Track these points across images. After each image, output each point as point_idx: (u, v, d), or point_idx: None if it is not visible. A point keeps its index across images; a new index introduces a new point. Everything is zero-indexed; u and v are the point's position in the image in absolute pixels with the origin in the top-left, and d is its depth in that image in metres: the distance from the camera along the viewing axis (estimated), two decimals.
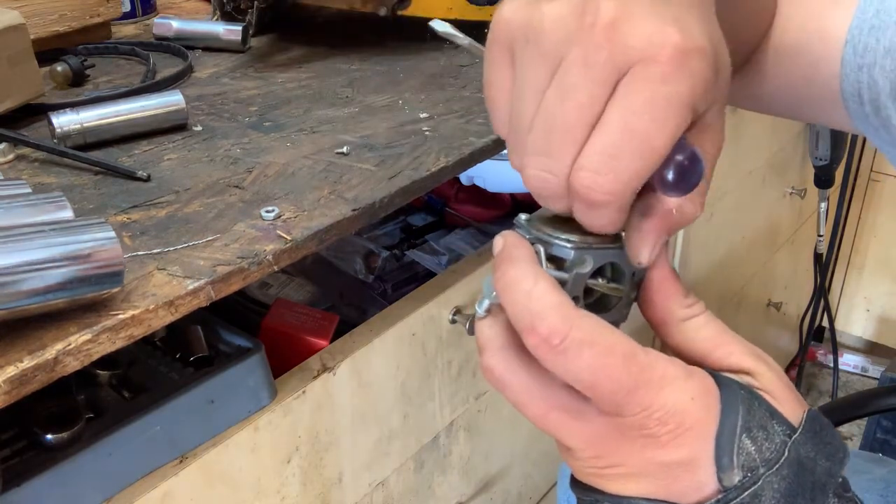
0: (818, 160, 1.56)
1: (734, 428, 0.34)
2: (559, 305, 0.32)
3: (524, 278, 0.33)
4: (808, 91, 0.58)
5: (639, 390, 0.33)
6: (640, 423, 0.33)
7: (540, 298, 0.33)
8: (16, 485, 0.46)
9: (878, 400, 0.91)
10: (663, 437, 0.34)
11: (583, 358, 0.32)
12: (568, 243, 0.35)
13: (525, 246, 0.35)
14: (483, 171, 0.94)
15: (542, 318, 0.32)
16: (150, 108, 0.65)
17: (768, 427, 0.34)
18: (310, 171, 0.60)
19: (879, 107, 0.52)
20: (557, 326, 0.32)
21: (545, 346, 0.32)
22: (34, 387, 0.40)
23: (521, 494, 0.97)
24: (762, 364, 0.36)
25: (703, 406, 0.34)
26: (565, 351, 0.32)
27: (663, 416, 0.33)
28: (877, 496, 0.78)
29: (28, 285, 0.39)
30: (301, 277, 0.91)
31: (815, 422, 0.35)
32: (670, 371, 0.34)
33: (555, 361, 0.33)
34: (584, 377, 0.33)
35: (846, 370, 2.05)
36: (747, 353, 0.36)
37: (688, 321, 0.37)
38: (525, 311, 0.33)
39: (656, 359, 0.34)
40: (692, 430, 0.34)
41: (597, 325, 0.33)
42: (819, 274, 1.79)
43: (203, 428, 0.55)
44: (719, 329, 0.37)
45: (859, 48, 0.53)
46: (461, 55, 0.83)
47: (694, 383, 0.34)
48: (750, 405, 0.34)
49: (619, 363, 0.32)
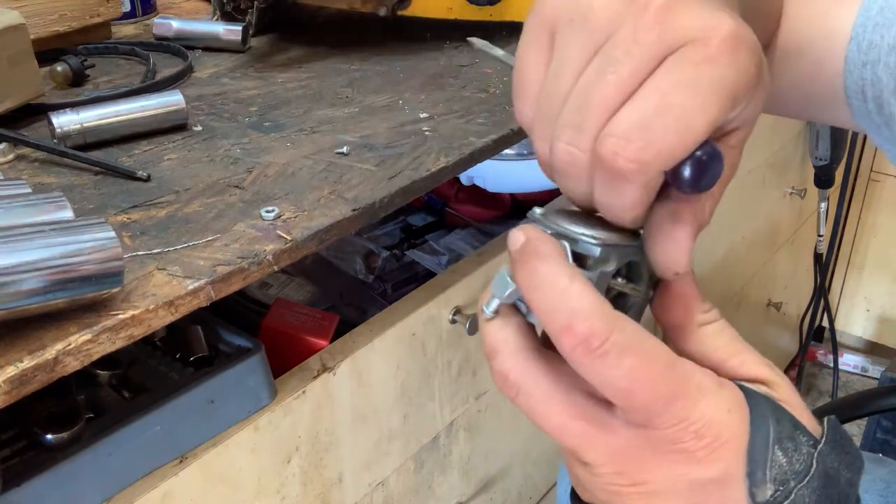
0: (818, 160, 1.56)
1: (766, 440, 0.32)
2: (600, 306, 0.30)
3: (558, 275, 0.31)
4: (812, 89, 0.58)
5: (677, 401, 0.31)
6: (675, 436, 0.32)
7: (580, 297, 0.30)
8: (16, 485, 0.46)
9: (878, 400, 0.91)
10: (699, 452, 0.32)
11: (623, 364, 0.30)
12: (593, 240, 0.33)
13: (551, 241, 0.33)
14: (483, 171, 0.94)
15: (582, 319, 0.30)
16: (150, 108, 0.65)
17: (796, 438, 0.33)
18: (310, 171, 0.60)
19: (882, 104, 0.52)
20: (598, 328, 0.30)
21: (583, 347, 0.30)
22: (34, 387, 0.40)
23: (521, 494, 0.97)
24: (776, 373, 0.35)
25: (739, 417, 0.32)
26: (605, 354, 0.30)
27: (700, 428, 0.31)
28: (877, 496, 0.78)
29: (28, 285, 0.39)
30: (301, 277, 0.91)
31: (836, 431, 0.34)
32: (706, 382, 0.32)
33: (591, 365, 0.31)
34: (621, 384, 0.31)
35: (846, 370, 2.05)
36: (761, 363, 0.35)
37: (704, 327, 0.35)
38: (562, 310, 0.31)
39: (693, 368, 0.32)
40: (728, 444, 0.32)
41: (638, 330, 0.31)
42: (819, 274, 1.79)
43: (203, 428, 0.55)
44: (733, 337, 0.36)
45: (863, 45, 0.53)
46: (461, 55, 0.83)
47: (728, 394, 0.33)
48: (779, 416, 0.33)
49: (660, 372, 0.31)
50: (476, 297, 0.76)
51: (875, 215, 1.90)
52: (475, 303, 0.76)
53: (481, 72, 0.78)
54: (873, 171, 1.85)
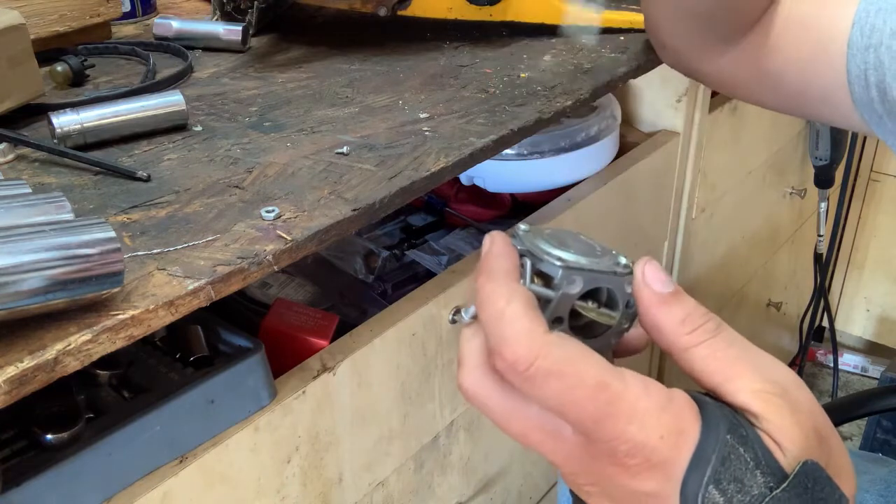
0: (818, 160, 1.56)
1: (701, 478, 0.32)
2: (528, 331, 0.32)
3: (498, 297, 0.33)
4: (812, 71, 0.58)
5: (607, 421, 0.32)
6: (610, 450, 0.33)
7: (510, 322, 0.32)
8: (16, 485, 0.46)
9: (878, 400, 0.91)
10: (632, 468, 0.33)
11: (549, 387, 0.32)
12: (558, 261, 0.34)
13: (508, 256, 0.34)
14: (483, 171, 0.94)
15: (508, 344, 0.32)
16: (150, 108, 0.65)
17: (746, 479, 0.32)
18: (310, 171, 0.60)
19: (885, 89, 0.52)
20: (522, 354, 0.32)
21: (511, 371, 0.32)
22: (34, 387, 0.40)
23: (521, 494, 0.97)
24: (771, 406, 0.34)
25: (671, 445, 0.33)
26: (531, 378, 0.32)
27: (629, 449, 0.33)
28: (877, 496, 0.78)
29: (28, 285, 0.39)
30: (301, 277, 0.91)
31: (808, 476, 0.33)
32: (642, 404, 0.33)
33: (521, 386, 0.33)
34: (551, 404, 0.33)
35: (846, 370, 2.05)
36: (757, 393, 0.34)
37: (690, 351, 0.35)
38: (495, 334, 0.33)
39: (629, 388, 0.33)
40: (658, 468, 0.33)
41: (567, 354, 0.32)
42: (819, 274, 1.79)
43: (203, 428, 0.55)
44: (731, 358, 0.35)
45: (866, 29, 0.53)
46: (461, 55, 0.83)
47: (666, 419, 0.33)
48: (729, 454, 0.32)
49: (586, 394, 0.32)
50: None
51: (875, 215, 1.90)
52: None
53: (481, 72, 0.78)
54: (873, 171, 1.85)
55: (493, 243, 0.35)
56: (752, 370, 0.35)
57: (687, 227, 1.17)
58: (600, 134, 0.96)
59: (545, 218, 0.86)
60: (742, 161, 1.29)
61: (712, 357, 0.35)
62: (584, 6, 0.88)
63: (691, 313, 0.35)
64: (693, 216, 1.17)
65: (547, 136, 0.93)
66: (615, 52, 0.83)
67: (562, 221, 0.87)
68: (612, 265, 0.35)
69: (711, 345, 0.35)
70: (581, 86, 0.74)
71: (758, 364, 0.35)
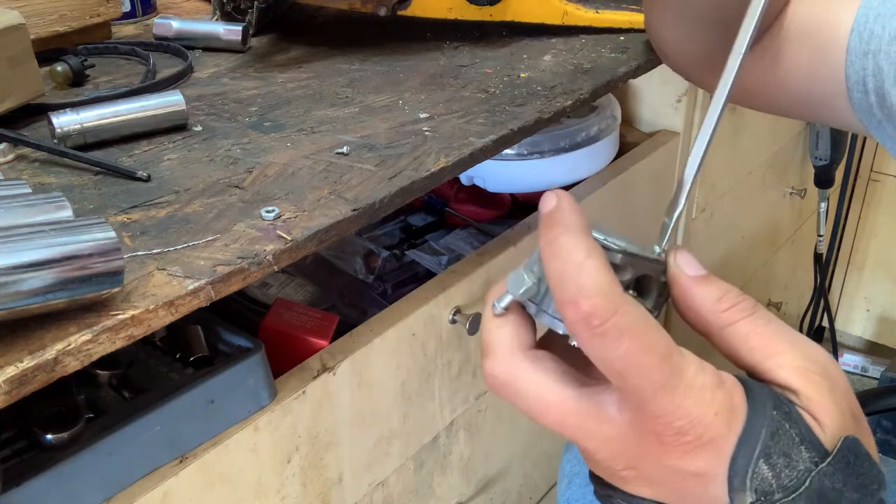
0: (818, 160, 1.56)
1: (752, 452, 0.33)
2: (609, 286, 0.31)
3: (577, 248, 0.32)
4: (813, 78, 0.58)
5: (665, 392, 0.32)
6: (660, 427, 0.33)
7: (591, 274, 0.31)
8: (16, 485, 0.46)
9: (878, 400, 0.92)
10: (681, 447, 0.33)
11: (620, 346, 0.31)
12: (616, 247, 0.34)
13: (580, 214, 0.33)
14: (483, 171, 0.94)
15: (588, 296, 0.31)
16: (150, 108, 0.65)
17: (793, 454, 0.33)
18: (310, 171, 0.60)
19: (884, 94, 0.52)
20: (602, 307, 0.31)
21: (584, 323, 0.31)
22: (34, 387, 0.40)
23: (520, 494, 0.97)
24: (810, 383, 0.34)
25: (725, 423, 0.33)
26: (604, 334, 0.31)
27: (683, 425, 0.32)
28: None
29: (28, 285, 0.39)
30: (301, 277, 0.91)
31: (850, 451, 0.33)
32: (699, 380, 0.32)
33: (590, 342, 0.31)
34: (615, 365, 0.32)
35: (846, 370, 2.05)
36: (798, 370, 0.34)
37: (728, 329, 0.35)
38: (572, 284, 0.31)
39: (689, 364, 0.33)
40: (709, 445, 0.33)
41: (641, 316, 0.32)
42: (819, 274, 1.79)
43: (203, 428, 0.55)
44: (771, 334, 0.35)
45: (865, 35, 0.53)
46: (461, 55, 0.83)
47: (721, 397, 0.33)
48: (777, 429, 0.33)
49: (654, 360, 0.31)
50: (476, 296, 0.76)
51: (875, 215, 1.90)
52: (475, 303, 0.76)
53: (481, 72, 0.78)
54: (873, 171, 1.85)
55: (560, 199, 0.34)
56: (791, 347, 0.35)
57: (687, 227, 1.17)
58: (600, 134, 0.96)
59: None
60: (742, 161, 1.29)
61: (753, 333, 0.35)
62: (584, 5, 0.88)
63: (727, 292, 0.36)
64: (693, 216, 1.17)
65: (547, 136, 0.93)
66: (615, 52, 0.83)
67: None
68: (651, 253, 0.36)
69: (750, 322, 0.35)
70: (581, 86, 0.74)
71: (796, 342, 0.35)
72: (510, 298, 0.36)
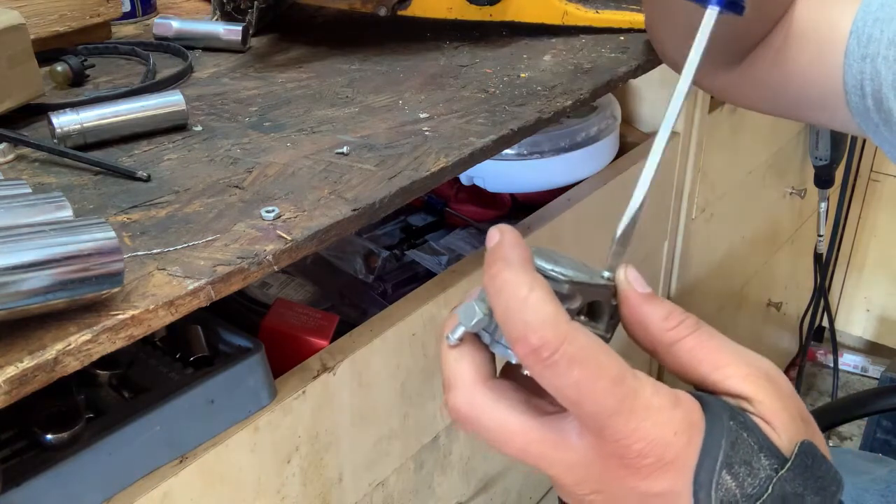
0: (818, 160, 1.56)
1: (714, 464, 0.33)
2: (554, 317, 0.32)
3: (519, 284, 0.32)
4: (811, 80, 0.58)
5: (621, 416, 0.32)
6: (620, 451, 0.33)
7: (535, 308, 0.32)
8: (16, 485, 0.46)
9: (878, 400, 0.92)
10: (643, 469, 0.33)
11: (571, 375, 0.32)
12: (563, 276, 0.35)
13: (522, 247, 0.34)
14: (483, 171, 0.94)
15: (533, 329, 0.32)
16: (150, 108, 0.65)
17: (753, 462, 0.33)
18: (310, 171, 0.60)
19: (882, 98, 0.52)
20: (549, 339, 0.31)
21: (534, 357, 0.32)
22: (34, 387, 0.40)
23: (521, 494, 0.97)
24: (760, 389, 0.35)
25: (685, 440, 0.33)
26: (554, 364, 0.32)
27: (643, 447, 0.33)
28: (877, 496, 0.78)
29: (28, 285, 0.39)
30: (301, 277, 0.91)
31: (807, 455, 0.34)
32: (656, 401, 0.33)
33: (541, 373, 0.32)
34: (569, 394, 0.32)
35: (846, 370, 2.05)
36: (746, 377, 0.35)
37: (677, 345, 0.36)
38: (518, 320, 0.32)
39: (643, 385, 0.33)
40: (672, 464, 0.33)
41: (590, 343, 0.32)
42: (819, 274, 1.79)
43: (203, 428, 0.55)
44: (716, 348, 0.36)
45: (863, 38, 0.53)
46: (461, 55, 0.83)
47: (679, 415, 0.33)
48: (736, 438, 0.33)
49: (606, 386, 0.32)
50: None
51: (875, 215, 1.90)
52: None
53: (481, 72, 0.78)
54: (873, 171, 1.86)
55: (503, 234, 0.35)
56: (736, 358, 0.36)
57: (687, 227, 1.17)
58: (600, 134, 0.96)
59: (545, 218, 0.86)
60: (742, 161, 1.29)
61: (699, 347, 0.36)
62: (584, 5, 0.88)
63: (672, 311, 0.37)
64: (693, 216, 1.17)
65: (547, 136, 0.93)
66: (615, 52, 0.83)
67: (562, 221, 0.87)
68: (599, 279, 0.37)
69: (696, 337, 0.36)
70: (581, 86, 0.74)
71: (740, 352, 0.36)
72: (463, 330, 0.36)
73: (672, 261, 1.18)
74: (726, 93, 0.71)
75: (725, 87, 0.68)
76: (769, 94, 0.63)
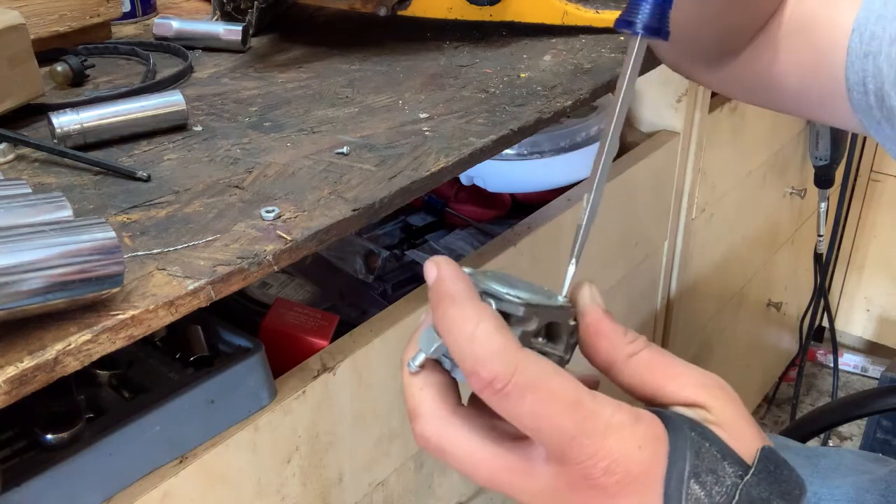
0: (818, 160, 1.56)
1: (682, 475, 0.33)
2: (502, 349, 0.32)
3: (465, 319, 0.33)
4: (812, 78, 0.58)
5: (583, 438, 0.32)
6: (586, 472, 0.33)
7: (482, 342, 0.32)
8: (16, 485, 0.46)
9: (878, 400, 0.92)
10: (611, 488, 0.33)
11: (525, 404, 0.32)
12: (518, 300, 0.35)
13: (461, 278, 0.34)
14: (483, 171, 0.94)
15: (483, 364, 0.32)
16: (150, 108, 0.65)
17: (718, 470, 0.33)
18: (310, 171, 0.60)
19: (883, 96, 0.52)
20: (500, 372, 0.32)
21: (489, 390, 0.32)
22: (34, 387, 0.40)
23: None
24: (716, 397, 0.36)
25: (650, 454, 0.33)
26: (507, 395, 0.32)
27: (609, 465, 0.33)
28: (877, 496, 0.78)
29: (28, 285, 0.39)
30: (301, 277, 0.91)
31: (770, 460, 0.34)
32: (616, 418, 0.33)
33: (498, 404, 0.32)
34: (526, 422, 0.32)
35: (846, 370, 2.05)
36: (700, 386, 0.36)
37: (633, 358, 0.37)
38: (468, 356, 0.32)
39: (603, 405, 0.33)
40: (639, 479, 0.33)
41: (542, 370, 0.32)
42: (819, 274, 1.79)
43: (203, 428, 0.55)
44: (668, 362, 0.37)
45: (865, 36, 0.53)
46: (461, 55, 0.83)
47: (641, 430, 0.34)
48: (699, 448, 0.34)
49: (563, 410, 0.32)
50: None
51: (875, 215, 1.90)
52: None
53: (481, 72, 0.78)
54: (873, 171, 1.85)
55: (440, 268, 0.35)
56: (688, 369, 0.37)
57: (687, 227, 1.17)
58: (600, 134, 0.96)
59: (545, 218, 0.86)
60: (742, 161, 1.29)
61: (654, 360, 0.37)
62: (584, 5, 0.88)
63: (628, 329, 0.38)
64: (693, 216, 1.17)
65: (547, 136, 0.93)
66: (615, 52, 0.83)
67: (562, 221, 0.87)
68: (556, 301, 0.37)
69: (651, 351, 0.37)
70: (581, 86, 0.74)
71: (689, 365, 0.37)
72: (423, 357, 0.36)
73: (672, 261, 1.18)
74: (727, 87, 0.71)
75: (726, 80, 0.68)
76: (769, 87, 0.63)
